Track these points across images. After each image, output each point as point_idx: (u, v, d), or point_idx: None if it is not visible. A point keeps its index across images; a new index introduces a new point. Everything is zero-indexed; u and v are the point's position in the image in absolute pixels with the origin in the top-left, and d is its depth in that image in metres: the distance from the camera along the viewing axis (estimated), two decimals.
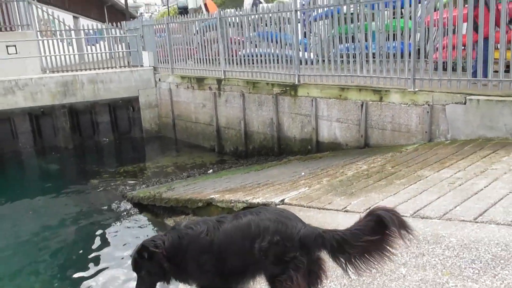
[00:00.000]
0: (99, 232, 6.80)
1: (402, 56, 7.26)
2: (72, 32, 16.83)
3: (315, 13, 9.11)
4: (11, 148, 11.81)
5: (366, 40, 7.72)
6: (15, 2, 14.34)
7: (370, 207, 3.94)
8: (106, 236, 6.66)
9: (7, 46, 13.05)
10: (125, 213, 7.43)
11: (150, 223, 6.96)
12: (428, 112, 6.67)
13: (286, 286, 2.07)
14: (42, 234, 6.91)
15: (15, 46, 13.16)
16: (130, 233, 6.67)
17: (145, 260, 2.25)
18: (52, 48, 13.69)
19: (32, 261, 6.04)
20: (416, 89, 6.93)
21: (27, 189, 9.38)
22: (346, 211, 3.99)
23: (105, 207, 7.87)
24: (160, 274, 2.30)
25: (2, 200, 8.62)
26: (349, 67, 8.02)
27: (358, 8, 7.76)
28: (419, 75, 7.00)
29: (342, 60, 8.15)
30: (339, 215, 3.90)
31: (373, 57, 7.60)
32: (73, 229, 7.10)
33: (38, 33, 14.40)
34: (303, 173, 6.23)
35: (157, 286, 2.38)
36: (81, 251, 6.28)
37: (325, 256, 2.11)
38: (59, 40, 14.30)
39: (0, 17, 14.42)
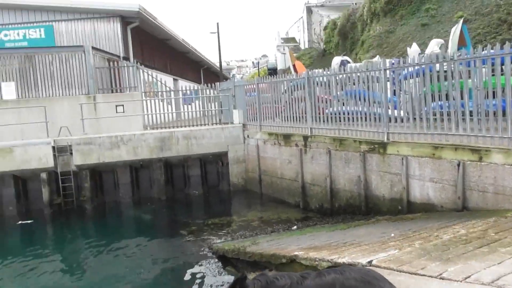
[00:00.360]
0: (182, 281, 6.97)
1: (504, 114, 6.77)
2: (172, 92, 18.45)
3: (405, 71, 9.00)
4: (112, 198, 12.93)
5: (461, 98, 7.37)
6: (125, 67, 16.28)
7: (470, 276, 3.59)
8: (188, 285, 6.79)
9: (116, 106, 14.69)
10: (209, 265, 7.56)
11: (233, 277, 6.97)
12: None
13: None
14: (130, 278, 7.28)
15: (123, 105, 14.77)
16: (212, 285, 6.74)
17: None
18: (153, 107, 15.10)
19: None
20: None
21: (123, 236, 10.06)
22: (442, 278, 3.67)
23: (192, 258, 8.09)
24: None
25: (101, 244, 9.32)
26: (442, 126, 7.66)
27: (452, 65, 7.53)
28: None
29: (435, 118, 7.83)
30: (433, 282, 3.59)
31: (470, 115, 7.20)
32: (160, 276, 7.38)
33: (143, 93, 16.03)
34: (392, 234, 5.90)
35: None
36: None
37: None
38: (160, 100, 15.74)
39: (112, 80, 16.40)
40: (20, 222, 11.46)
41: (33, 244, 10.09)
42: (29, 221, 11.51)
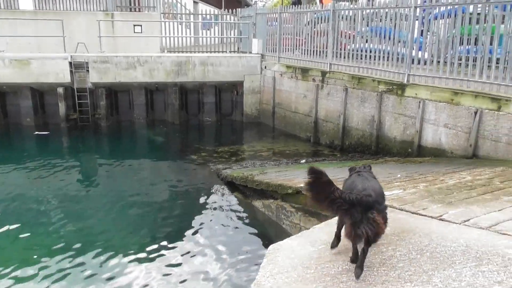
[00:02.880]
0: (192, 205, 7.28)
1: None
2: (191, 16, 17.93)
3: (436, 11, 8.56)
4: (127, 117, 13.14)
5: (491, 44, 7.06)
6: None
7: (469, 219, 3.68)
8: (198, 209, 7.09)
9: (134, 25, 14.42)
10: (217, 190, 7.82)
11: (239, 203, 7.24)
12: None
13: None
14: (139, 196, 7.62)
15: (141, 25, 14.48)
16: (220, 210, 7.02)
17: None
18: (172, 29, 14.78)
19: (123, 221, 6.67)
20: None
21: (136, 157, 10.36)
22: (441, 219, 3.76)
23: (201, 182, 8.38)
24: None
25: (114, 160, 9.67)
26: (466, 71, 7.43)
27: (486, 8, 7.12)
28: None
29: (460, 63, 7.57)
30: (433, 222, 3.69)
31: (497, 63, 6.94)
32: (169, 199, 7.69)
33: (162, 15, 15.62)
34: (399, 175, 5.98)
35: None
36: (174, 221, 6.72)
37: None
38: (178, 23, 15.37)
39: None
40: (36, 132, 11.83)
41: (49, 152, 10.49)
42: (46, 133, 11.87)
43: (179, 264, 5.30)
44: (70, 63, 12.14)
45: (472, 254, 2.95)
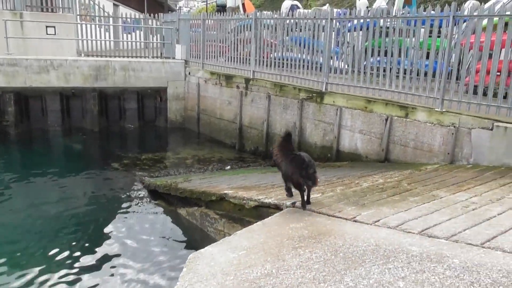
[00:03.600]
0: (112, 215, 6.98)
1: (433, 75, 7.16)
2: (111, 19, 17.26)
3: (351, 24, 9.10)
4: (40, 125, 12.24)
5: (399, 56, 7.66)
6: None
7: (379, 220, 3.94)
8: (119, 219, 6.82)
9: (46, 27, 13.53)
10: (140, 199, 7.59)
11: (163, 211, 7.09)
12: (453, 134, 6.56)
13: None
14: (60, 210, 7.14)
15: (54, 27, 13.63)
16: (143, 219, 6.82)
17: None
18: (89, 32, 14.10)
19: (45, 237, 6.23)
20: (444, 110, 6.83)
21: (50, 167, 9.63)
22: (355, 221, 3.98)
23: (122, 191, 8.06)
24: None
25: (26, 175, 8.93)
26: (378, 80, 7.98)
27: (394, 22, 7.71)
28: (448, 96, 6.91)
29: (372, 73, 8.11)
30: (347, 224, 3.90)
31: (404, 73, 7.54)
32: (88, 209, 7.30)
33: (78, 17, 14.85)
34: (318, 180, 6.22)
35: None
36: (93, 232, 6.42)
37: None
38: (97, 26, 14.71)
39: None
40: None
41: None
42: None
43: (99, 274, 5.05)
44: None
45: (381, 253, 3.16)
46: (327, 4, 18.43)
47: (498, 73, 6.53)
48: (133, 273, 5.15)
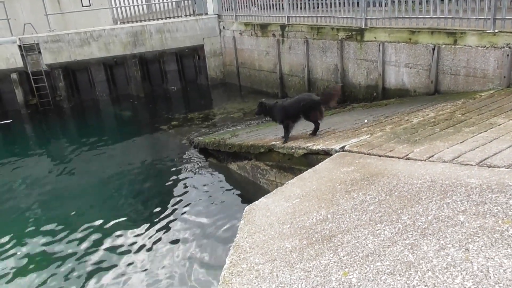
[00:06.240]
0: (167, 176, 7.27)
1: None
2: None
3: None
4: (89, 96, 12.75)
5: None
6: None
7: (433, 155, 3.83)
8: (173, 180, 7.10)
9: None
10: (191, 158, 7.84)
11: (215, 167, 7.29)
12: (508, 55, 6.11)
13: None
14: (115, 175, 7.57)
15: None
16: (196, 177, 7.07)
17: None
18: None
19: (105, 197, 6.68)
20: (496, 30, 6.33)
21: (104, 135, 10.14)
22: (408, 158, 3.90)
23: (174, 152, 8.35)
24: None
25: (83, 142, 9.47)
26: (421, 8, 7.48)
27: None
28: (501, 15, 6.37)
29: (414, 1, 7.59)
30: (399, 162, 3.83)
31: None
32: (144, 173, 7.66)
33: None
34: (366, 121, 6.11)
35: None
36: (148, 194, 6.78)
37: None
38: None
39: None
40: None
41: (14, 141, 10.20)
42: (7, 121, 11.44)
43: (164, 231, 5.40)
44: (20, 46, 11.54)
45: (437, 188, 3.10)
46: None
47: None
48: (194, 227, 5.43)
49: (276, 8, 10.86)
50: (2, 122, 11.31)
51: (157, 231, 5.46)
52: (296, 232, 2.86)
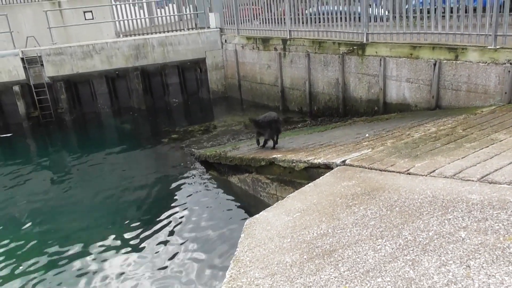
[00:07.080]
0: (168, 188, 7.25)
1: (483, 10, 6.65)
2: None
3: None
4: (91, 109, 12.79)
5: None
6: None
7: (434, 170, 3.82)
8: (174, 192, 7.08)
9: (84, 12, 13.84)
10: (192, 171, 7.82)
11: (215, 180, 7.27)
12: (509, 71, 6.13)
13: None
14: (116, 188, 7.54)
15: (91, 11, 13.91)
16: (197, 189, 7.04)
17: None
18: (125, 12, 14.28)
19: (105, 209, 6.64)
20: (497, 47, 6.37)
21: (106, 147, 10.14)
22: (409, 173, 3.89)
23: (175, 165, 8.33)
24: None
25: (85, 154, 9.47)
26: (422, 23, 7.53)
27: None
28: (502, 31, 6.41)
29: (415, 16, 7.66)
30: (400, 177, 3.81)
31: (451, 12, 7.05)
32: (145, 185, 7.61)
33: None
34: (367, 135, 6.10)
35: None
36: (147, 206, 6.73)
37: None
38: (131, 4, 14.84)
39: None
40: None
41: (15, 154, 10.20)
42: (8, 135, 11.46)
43: (164, 244, 5.35)
44: (22, 59, 11.62)
45: (439, 204, 3.08)
46: None
47: None
48: (193, 240, 5.39)
49: (278, 22, 10.96)
50: (2, 136, 11.33)
51: (157, 244, 5.42)
52: (296, 247, 2.83)
